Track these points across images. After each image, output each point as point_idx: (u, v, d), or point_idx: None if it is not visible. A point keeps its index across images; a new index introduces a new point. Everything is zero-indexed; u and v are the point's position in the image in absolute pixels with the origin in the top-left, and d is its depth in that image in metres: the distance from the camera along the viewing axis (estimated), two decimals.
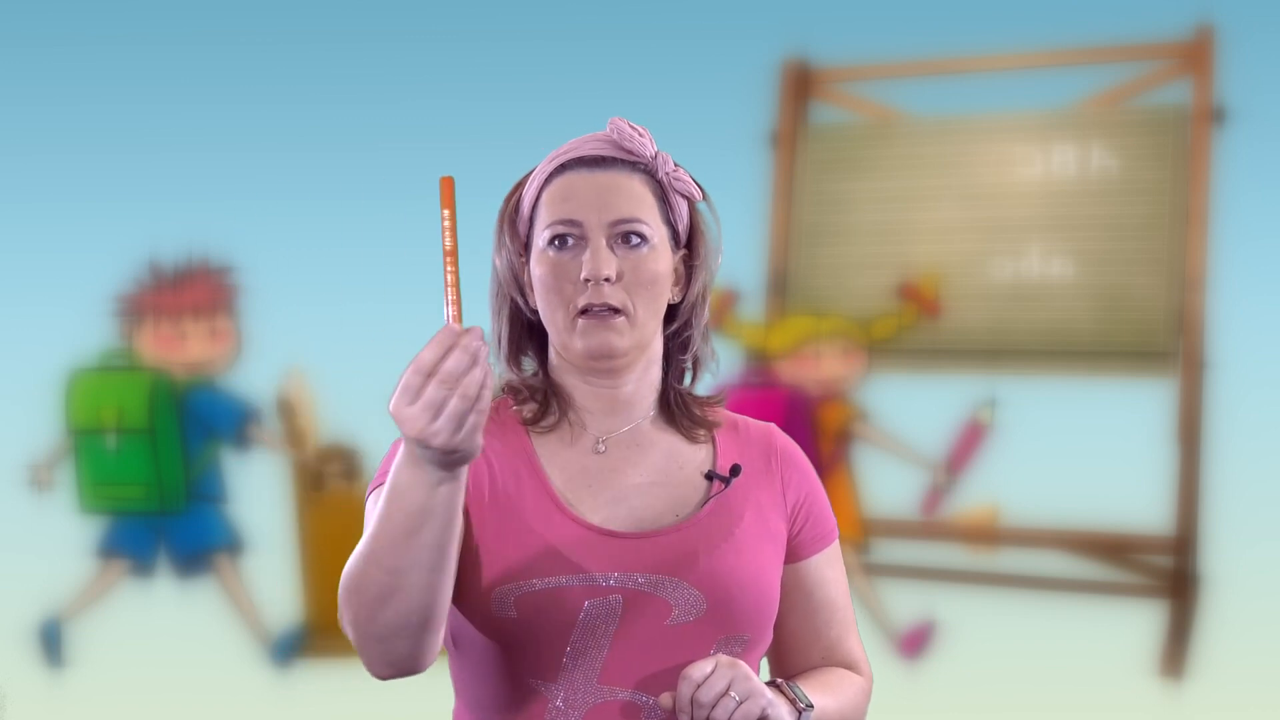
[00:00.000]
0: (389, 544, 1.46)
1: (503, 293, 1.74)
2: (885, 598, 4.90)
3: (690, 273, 1.73)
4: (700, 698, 1.57)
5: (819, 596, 1.77)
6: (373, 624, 1.49)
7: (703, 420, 1.74)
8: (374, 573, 1.48)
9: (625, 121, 1.70)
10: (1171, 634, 4.76)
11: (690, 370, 1.76)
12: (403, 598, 1.48)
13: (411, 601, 1.48)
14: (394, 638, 1.50)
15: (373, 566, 1.48)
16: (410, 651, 1.51)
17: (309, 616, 4.85)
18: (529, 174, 1.73)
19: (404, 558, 1.46)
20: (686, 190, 1.72)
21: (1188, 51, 4.87)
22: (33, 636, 4.78)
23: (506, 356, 1.74)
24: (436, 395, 1.38)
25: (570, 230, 1.67)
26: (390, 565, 1.47)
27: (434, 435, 1.38)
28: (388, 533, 1.46)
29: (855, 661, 1.80)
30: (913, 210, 5.12)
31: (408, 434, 1.40)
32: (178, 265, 4.84)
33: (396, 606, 1.48)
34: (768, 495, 1.73)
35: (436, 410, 1.38)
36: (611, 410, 1.71)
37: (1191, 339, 4.80)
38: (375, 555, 1.48)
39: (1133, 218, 4.92)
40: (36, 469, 4.84)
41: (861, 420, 4.99)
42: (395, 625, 1.49)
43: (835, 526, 1.79)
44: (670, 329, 1.74)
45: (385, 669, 1.54)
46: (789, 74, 5.20)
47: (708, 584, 1.64)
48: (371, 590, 1.48)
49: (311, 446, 4.86)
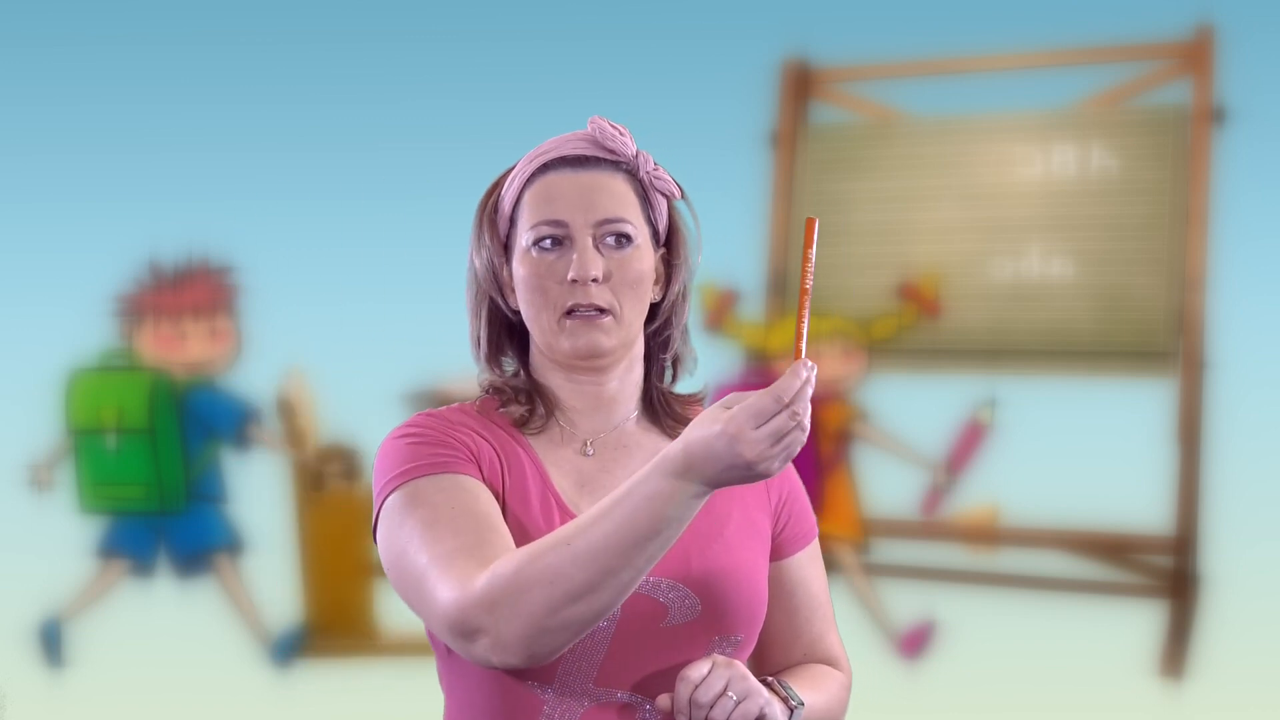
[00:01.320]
0: (617, 546, 1.47)
1: (481, 292, 1.73)
2: (885, 598, 4.90)
3: (670, 271, 1.73)
4: (698, 698, 1.57)
5: (801, 594, 1.77)
6: (552, 617, 1.48)
7: (685, 418, 1.74)
8: (584, 571, 1.47)
9: (605, 120, 1.70)
10: (1171, 634, 4.76)
11: (670, 369, 1.76)
12: (601, 596, 1.48)
13: (607, 601, 1.49)
14: (564, 630, 1.49)
15: (586, 564, 1.47)
16: (564, 644, 1.51)
17: (309, 616, 4.85)
18: (507, 173, 1.73)
19: (626, 561, 1.47)
20: (666, 189, 1.72)
21: (1188, 51, 4.87)
22: (33, 636, 4.78)
23: (486, 357, 1.74)
24: (784, 425, 1.44)
25: (555, 231, 1.67)
26: (608, 566, 1.47)
27: (767, 460, 1.45)
28: (621, 536, 1.47)
29: (836, 658, 1.80)
30: (913, 210, 5.12)
31: (742, 453, 1.45)
32: (178, 265, 4.84)
33: (590, 604, 1.48)
34: (752, 493, 1.73)
35: (778, 439, 1.44)
36: (596, 409, 1.71)
37: (1191, 339, 4.80)
38: (594, 554, 1.47)
39: (1133, 218, 4.92)
40: (36, 469, 4.84)
41: (861, 420, 4.99)
42: (576, 621, 1.49)
43: (815, 524, 1.80)
44: (651, 328, 1.74)
45: (524, 658, 1.51)
46: (789, 74, 5.20)
47: (701, 585, 1.65)
48: (571, 586, 1.48)
49: (311, 446, 4.86)
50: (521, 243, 1.69)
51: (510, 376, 1.73)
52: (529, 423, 1.70)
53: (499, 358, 1.74)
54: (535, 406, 1.71)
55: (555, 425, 1.71)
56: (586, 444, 1.71)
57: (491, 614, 1.49)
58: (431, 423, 1.67)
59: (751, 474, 1.46)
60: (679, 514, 1.47)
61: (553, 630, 1.49)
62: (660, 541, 1.48)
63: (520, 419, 1.70)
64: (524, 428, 1.70)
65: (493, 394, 1.73)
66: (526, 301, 1.68)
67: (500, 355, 1.74)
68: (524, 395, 1.71)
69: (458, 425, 1.67)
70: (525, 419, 1.70)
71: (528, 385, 1.72)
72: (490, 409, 1.72)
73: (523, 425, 1.70)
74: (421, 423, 1.67)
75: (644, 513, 1.47)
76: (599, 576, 1.47)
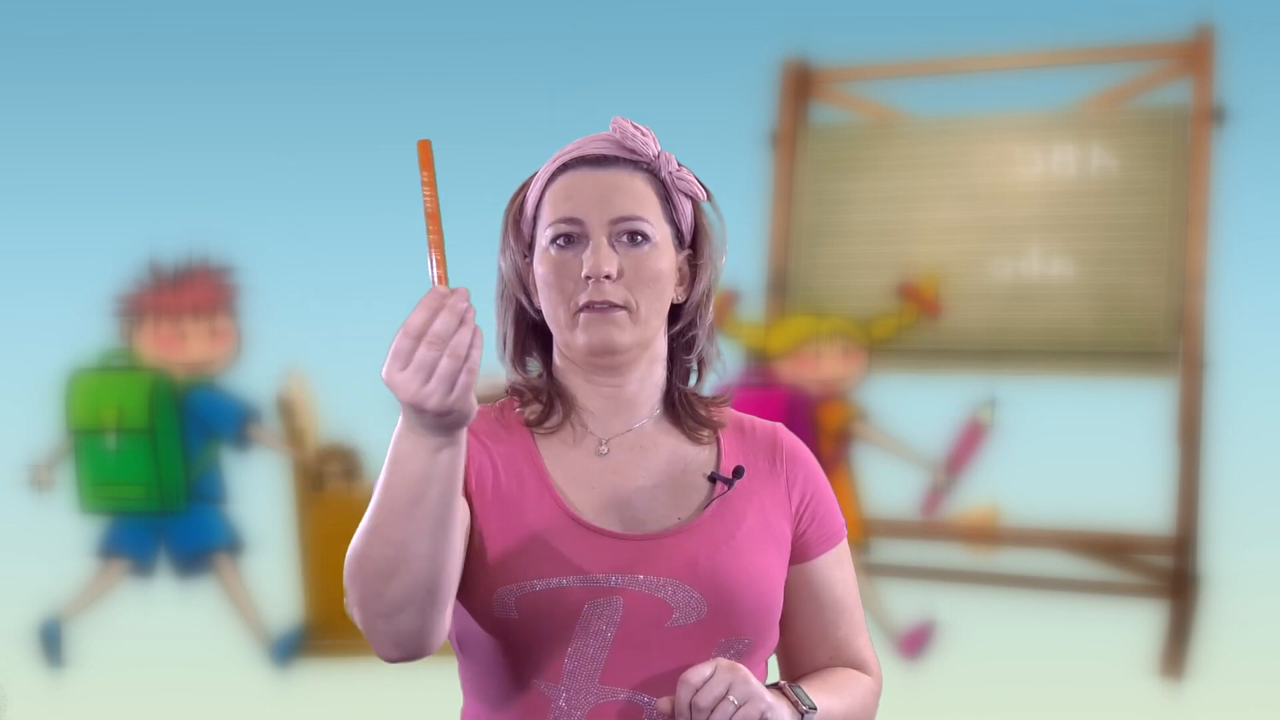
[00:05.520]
0: (391, 516, 1.46)
1: (508, 294, 1.74)
2: (885, 598, 4.90)
3: (695, 272, 1.74)
4: (699, 702, 1.57)
5: (826, 596, 1.76)
6: (379, 600, 1.48)
7: (707, 421, 1.74)
8: (378, 547, 1.47)
9: (628, 121, 1.71)
10: (1171, 634, 4.76)
11: (695, 370, 1.76)
12: (408, 570, 1.47)
13: (417, 574, 1.47)
14: (399, 614, 1.49)
15: (376, 541, 1.47)
16: (418, 629, 1.50)
17: (309, 616, 4.85)
18: (533, 175, 1.74)
19: (407, 528, 1.45)
20: (690, 190, 1.72)
21: (1188, 51, 4.87)
22: (33, 636, 4.78)
23: (511, 358, 1.74)
24: (427, 357, 1.38)
25: (572, 228, 1.67)
26: (394, 538, 1.46)
27: (427, 398, 1.39)
28: (389, 504, 1.46)
29: (864, 661, 1.79)
30: (913, 210, 5.12)
31: (402, 399, 1.40)
32: (178, 265, 4.83)
33: (402, 580, 1.47)
34: (772, 496, 1.73)
35: (428, 373, 1.39)
36: (615, 410, 1.71)
37: (1191, 339, 4.80)
38: (378, 529, 1.47)
39: (1133, 218, 4.92)
40: (36, 469, 4.84)
41: (861, 420, 4.99)
42: (401, 600, 1.48)
43: (843, 526, 1.79)
44: (675, 329, 1.74)
45: (393, 650, 1.52)
46: (789, 74, 5.20)
47: (708, 586, 1.64)
48: (376, 565, 1.47)
49: (311, 446, 4.86)
50: (541, 241, 1.70)
51: (533, 378, 1.74)
52: (543, 423, 1.70)
53: (524, 359, 1.75)
54: (553, 407, 1.71)
55: (570, 426, 1.72)
56: (602, 444, 1.71)
57: (350, 610, 1.53)
58: None
59: (432, 416, 1.40)
60: (430, 470, 1.43)
61: (389, 615, 1.49)
62: (430, 502, 1.44)
63: (534, 419, 1.71)
64: (538, 428, 1.70)
65: (513, 395, 1.73)
66: (545, 298, 1.69)
67: (525, 356, 1.75)
68: (543, 395, 1.72)
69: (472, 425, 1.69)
70: (540, 419, 1.71)
71: (548, 386, 1.73)
72: (509, 410, 1.72)
73: (537, 425, 1.70)
74: None
75: (400, 477, 1.45)
76: (394, 550, 1.46)
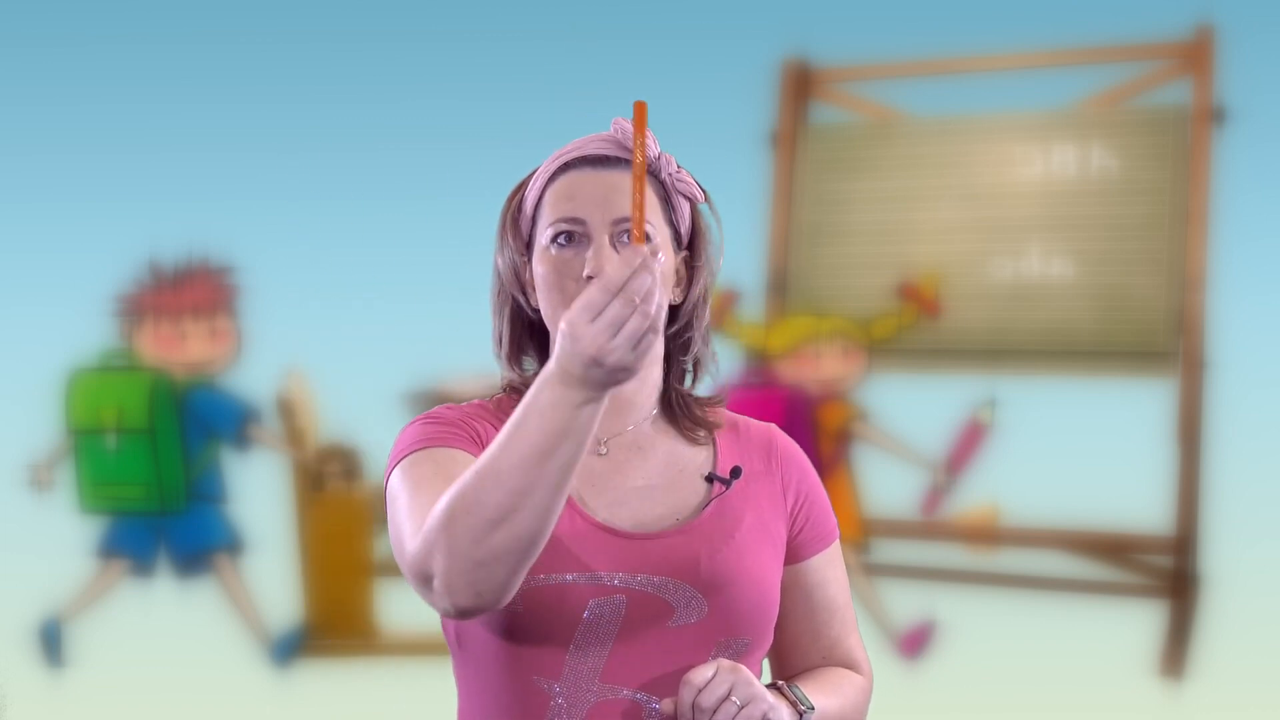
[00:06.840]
0: (519, 463, 1.45)
1: (504, 292, 1.73)
2: (885, 598, 4.90)
3: (691, 274, 1.73)
4: (701, 703, 1.57)
5: (819, 597, 1.77)
6: (478, 547, 1.46)
7: (703, 421, 1.74)
8: (495, 493, 1.45)
9: (629, 122, 1.70)
10: (1171, 634, 4.76)
11: (691, 371, 1.76)
12: (520, 520, 1.45)
13: (528, 525, 1.46)
14: (496, 563, 1.47)
15: (495, 487, 1.45)
16: (504, 580, 1.48)
17: (309, 616, 4.85)
18: (531, 174, 1.73)
19: (531, 478, 1.44)
20: (689, 191, 1.72)
21: (1188, 51, 4.87)
22: (33, 636, 4.78)
23: (507, 356, 1.74)
24: (621, 314, 1.39)
25: (573, 228, 1.67)
26: (516, 486, 1.45)
27: (611, 352, 1.40)
28: (520, 452, 1.45)
29: (856, 661, 1.80)
30: (913, 210, 5.12)
31: (584, 351, 1.40)
32: (178, 265, 4.84)
33: (511, 529, 1.46)
34: (767, 496, 1.73)
35: (616, 329, 1.39)
36: (612, 410, 1.71)
37: (1191, 339, 4.80)
38: (499, 475, 1.45)
39: (1133, 218, 4.92)
40: (36, 469, 4.84)
41: (861, 420, 4.99)
42: (502, 549, 1.46)
43: (836, 527, 1.79)
44: (671, 330, 1.73)
45: (471, 598, 1.49)
46: (789, 74, 5.20)
47: (709, 587, 1.64)
48: (487, 511, 1.46)
49: (311, 446, 4.86)
50: (541, 241, 1.69)
51: (530, 376, 1.73)
52: None
53: (520, 357, 1.74)
54: None
55: None
56: (600, 444, 1.71)
57: (432, 555, 1.49)
58: (447, 410, 1.70)
59: (606, 371, 1.41)
60: (570, 423, 1.44)
61: (484, 563, 1.47)
62: (562, 455, 1.45)
63: None
64: None
65: (510, 393, 1.73)
66: (544, 299, 1.68)
67: (521, 355, 1.74)
68: None
69: (473, 416, 1.69)
70: None
71: None
72: (507, 408, 1.72)
73: None
74: (438, 410, 1.70)
75: (536, 426, 1.44)
76: (512, 498, 1.45)
